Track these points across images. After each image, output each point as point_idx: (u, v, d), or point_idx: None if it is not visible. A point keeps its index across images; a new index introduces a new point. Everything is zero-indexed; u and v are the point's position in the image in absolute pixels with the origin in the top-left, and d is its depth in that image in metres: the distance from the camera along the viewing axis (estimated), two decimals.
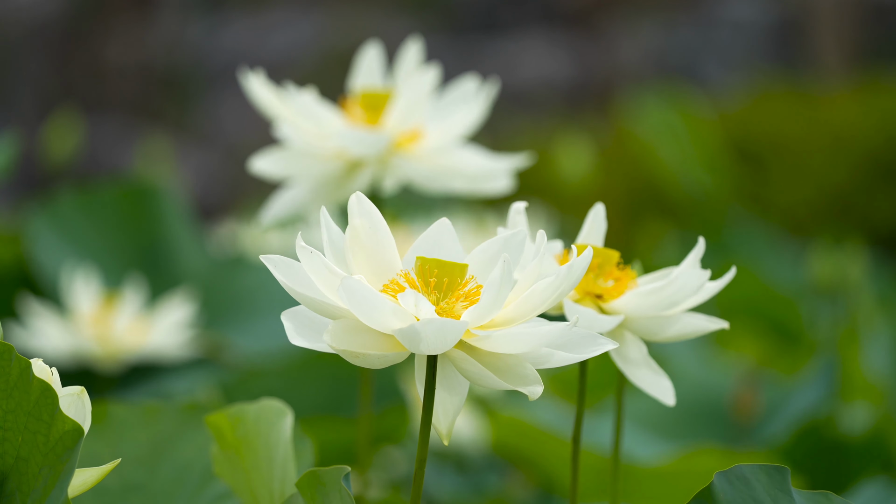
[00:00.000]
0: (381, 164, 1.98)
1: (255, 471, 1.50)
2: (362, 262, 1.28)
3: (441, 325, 1.19)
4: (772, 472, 1.33)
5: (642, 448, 2.78)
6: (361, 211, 1.28)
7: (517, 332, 1.22)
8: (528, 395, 1.24)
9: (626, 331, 1.41)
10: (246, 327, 3.29)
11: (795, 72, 9.07)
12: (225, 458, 1.51)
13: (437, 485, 2.96)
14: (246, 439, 1.49)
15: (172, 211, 3.40)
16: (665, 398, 1.43)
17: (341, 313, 1.24)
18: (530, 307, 1.24)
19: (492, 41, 10.44)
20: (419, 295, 1.21)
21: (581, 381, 1.43)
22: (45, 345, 2.85)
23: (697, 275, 1.37)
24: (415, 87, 1.95)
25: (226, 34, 10.48)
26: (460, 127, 1.98)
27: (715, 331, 1.42)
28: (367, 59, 2.05)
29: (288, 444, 1.48)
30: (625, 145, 6.58)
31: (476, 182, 1.99)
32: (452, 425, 1.30)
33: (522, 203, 1.39)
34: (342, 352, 1.23)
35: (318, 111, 1.95)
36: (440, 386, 1.29)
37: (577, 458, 1.44)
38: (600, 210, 1.43)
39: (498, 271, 1.20)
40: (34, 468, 1.25)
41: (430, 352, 1.22)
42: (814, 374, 2.97)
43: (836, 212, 6.04)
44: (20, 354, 1.24)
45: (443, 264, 1.26)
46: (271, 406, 1.49)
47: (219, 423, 1.50)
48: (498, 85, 2.03)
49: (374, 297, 1.20)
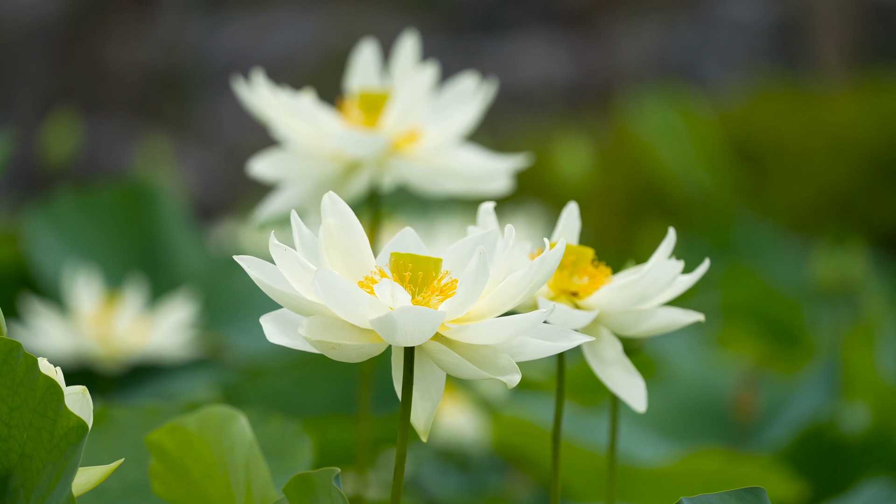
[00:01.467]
0: (379, 165, 1.98)
1: (207, 479, 1.47)
2: (336, 261, 1.29)
3: (418, 313, 1.19)
4: (743, 496, 1.30)
5: (642, 448, 2.78)
6: (335, 210, 1.29)
7: (492, 322, 1.22)
8: (506, 384, 1.24)
9: (602, 327, 1.41)
10: (245, 327, 3.30)
11: (795, 72, 9.07)
12: (169, 474, 1.48)
13: (437, 484, 2.96)
14: (191, 450, 1.46)
15: (170, 211, 3.40)
16: (636, 403, 1.41)
17: (316, 309, 1.24)
18: (504, 300, 1.25)
19: (492, 41, 10.44)
20: (395, 284, 1.22)
21: (559, 379, 1.43)
22: (46, 344, 2.85)
23: (671, 267, 1.38)
24: (412, 88, 1.94)
25: (226, 34, 10.48)
26: (458, 127, 1.98)
27: (691, 323, 1.42)
28: (363, 58, 2.05)
29: (249, 446, 1.46)
30: (625, 145, 6.58)
31: (474, 183, 1.99)
32: (430, 422, 1.31)
33: (491, 204, 1.40)
34: (318, 343, 1.23)
35: (316, 114, 1.95)
36: (416, 383, 1.29)
37: (557, 456, 1.44)
38: (573, 209, 1.44)
39: (474, 262, 1.21)
40: (38, 465, 1.25)
41: (407, 342, 1.22)
42: (815, 375, 2.98)
43: (837, 211, 6.05)
44: (27, 352, 1.24)
45: (417, 259, 1.26)
46: (216, 412, 1.47)
47: (159, 441, 1.47)
48: (496, 84, 2.03)
49: (349, 287, 1.21)
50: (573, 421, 2.74)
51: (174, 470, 1.48)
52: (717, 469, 2.40)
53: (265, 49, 10.30)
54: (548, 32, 10.52)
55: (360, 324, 1.23)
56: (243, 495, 1.46)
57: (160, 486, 1.49)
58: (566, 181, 4.89)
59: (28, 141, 8.65)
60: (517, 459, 2.80)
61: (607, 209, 6.38)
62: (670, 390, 2.97)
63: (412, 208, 4.46)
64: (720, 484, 2.40)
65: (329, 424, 2.55)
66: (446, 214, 4.34)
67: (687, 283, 1.40)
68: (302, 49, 10.35)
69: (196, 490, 1.48)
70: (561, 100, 10.13)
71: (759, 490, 1.30)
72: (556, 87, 10.27)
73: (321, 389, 2.86)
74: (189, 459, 1.47)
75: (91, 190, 3.37)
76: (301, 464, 1.62)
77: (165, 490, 1.49)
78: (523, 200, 5.45)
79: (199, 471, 1.47)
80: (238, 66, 9.63)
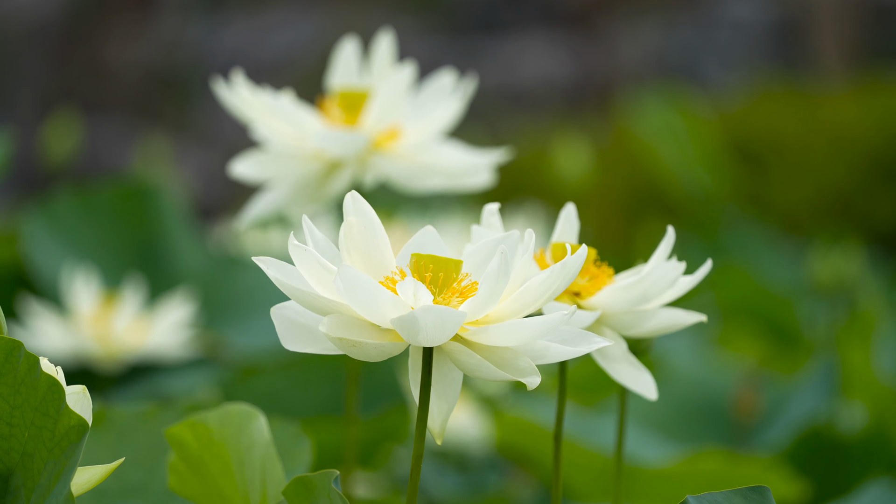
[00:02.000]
0: (360, 163, 1.97)
1: (224, 477, 1.47)
2: (357, 261, 1.28)
3: (440, 313, 1.19)
4: (748, 494, 1.30)
5: (644, 449, 2.78)
6: (357, 209, 1.28)
7: (513, 324, 1.22)
8: (527, 385, 1.24)
9: (605, 327, 1.42)
10: (244, 326, 3.29)
11: (795, 72, 9.07)
12: (187, 469, 1.47)
13: (437, 484, 2.96)
14: (211, 447, 1.46)
15: (169, 210, 3.40)
16: (647, 393, 1.43)
17: (336, 308, 1.23)
18: (524, 304, 1.24)
19: (492, 41, 10.44)
20: (418, 283, 1.21)
21: (561, 379, 1.44)
22: (45, 344, 2.85)
23: (673, 268, 1.38)
24: (391, 86, 1.94)
25: (226, 34, 10.48)
26: (438, 123, 1.98)
27: (693, 324, 1.42)
28: (344, 56, 2.04)
29: (266, 446, 1.46)
30: (624, 145, 6.58)
31: (456, 178, 1.98)
32: (446, 424, 1.30)
33: (496, 204, 1.40)
34: (339, 341, 1.22)
35: (296, 113, 1.95)
36: (434, 385, 1.29)
37: (558, 456, 1.44)
38: (571, 210, 1.44)
39: (496, 262, 1.20)
40: (39, 464, 1.25)
41: (428, 343, 1.22)
42: (813, 375, 2.97)
43: (836, 211, 6.05)
44: (28, 351, 1.24)
45: (438, 260, 1.25)
46: (237, 410, 1.46)
47: (180, 435, 1.46)
48: (476, 81, 2.03)
49: (372, 285, 1.20)
50: (575, 421, 2.74)
51: (192, 465, 1.47)
52: (718, 469, 2.40)
53: (265, 49, 10.30)
54: (548, 32, 10.52)
55: (381, 323, 1.23)
56: (259, 495, 1.46)
57: (177, 481, 1.48)
58: (566, 181, 4.89)
59: (28, 141, 8.65)
60: (520, 459, 2.80)
61: (607, 209, 6.38)
62: (671, 391, 2.97)
63: (411, 207, 4.46)
64: (721, 484, 2.40)
65: (325, 424, 2.55)
66: (446, 213, 4.34)
67: (689, 283, 1.40)
68: (302, 49, 10.35)
69: (213, 487, 1.47)
70: (561, 100, 10.13)
71: (763, 489, 1.30)
72: (555, 87, 10.27)
73: (311, 390, 2.86)
74: (208, 455, 1.47)
75: (89, 190, 3.36)
76: (300, 465, 1.62)
77: (181, 485, 1.48)
78: (523, 200, 5.45)
79: (218, 468, 1.47)
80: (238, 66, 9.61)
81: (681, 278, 1.40)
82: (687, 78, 9.66)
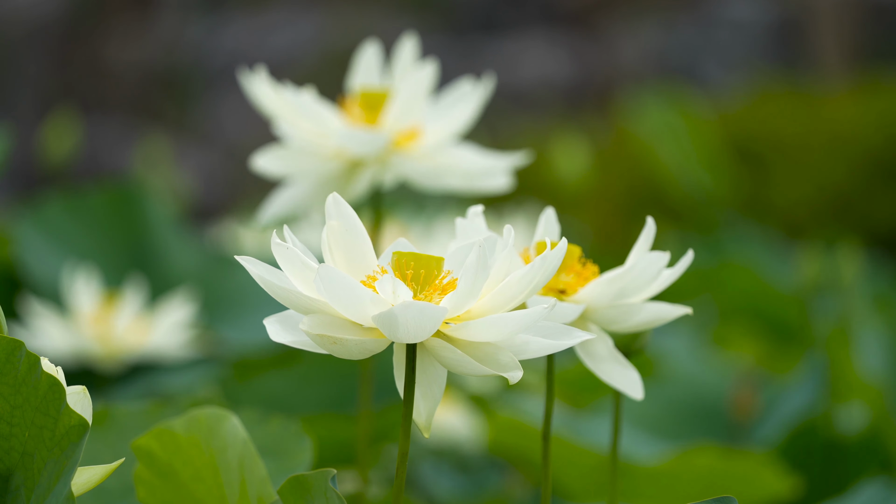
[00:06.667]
0: (380, 162, 1.99)
1: (196, 482, 1.46)
2: (340, 261, 1.30)
3: (420, 308, 1.20)
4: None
5: (640, 447, 2.79)
6: (339, 212, 1.30)
7: (494, 318, 1.22)
8: (509, 380, 1.24)
9: (591, 323, 1.42)
10: (239, 323, 3.30)
11: (795, 72, 9.08)
12: (156, 478, 1.46)
13: (435, 484, 2.97)
14: (179, 453, 1.45)
15: (159, 212, 3.40)
16: (633, 392, 1.42)
17: (318, 307, 1.24)
18: (506, 299, 1.25)
19: (492, 41, 10.45)
20: (397, 280, 1.22)
21: (549, 377, 1.44)
22: (45, 344, 2.86)
23: (656, 259, 1.38)
24: (412, 85, 1.96)
25: (226, 34, 10.48)
26: (457, 123, 2.00)
27: (678, 317, 1.42)
28: (366, 58, 2.07)
29: (243, 446, 1.45)
30: (624, 145, 6.58)
31: (474, 180, 2.00)
32: (432, 418, 1.31)
33: (479, 206, 1.41)
34: (319, 338, 1.23)
35: (318, 110, 1.96)
36: (418, 380, 1.30)
37: (547, 455, 1.44)
38: (551, 213, 1.45)
39: (473, 255, 1.21)
40: (39, 463, 1.25)
41: (409, 339, 1.22)
42: (805, 374, 2.98)
43: (836, 211, 6.05)
44: (29, 351, 1.25)
45: (419, 257, 1.26)
46: (205, 413, 1.46)
47: (147, 446, 1.45)
48: (494, 81, 2.04)
49: (350, 283, 1.21)
50: (567, 422, 2.74)
51: (161, 474, 1.46)
52: (711, 466, 2.41)
53: (265, 49, 10.30)
54: (548, 32, 10.52)
55: (362, 321, 1.24)
56: (237, 495, 1.45)
57: (144, 492, 1.47)
58: (565, 181, 4.89)
59: (28, 141, 8.66)
60: (513, 459, 2.80)
61: (606, 209, 6.38)
62: (667, 390, 2.97)
63: (410, 207, 4.47)
64: (715, 481, 2.41)
65: (326, 422, 2.55)
66: (444, 213, 4.34)
67: (671, 276, 1.40)
68: (302, 49, 10.35)
69: (185, 493, 1.46)
70: (561, 100, 10.13)
71: (729, 499, 1.31)
72: (555, 87, 10.27)
73: (320, 387, 2.87)
74: (177, 462, 1.46)
75: (79, 193, 3.37)
76: (301, 464, 1.62)
77: (150, 495, 1.47)
78: (523, 200, 5.46)
79: (188, 473, 1.46)
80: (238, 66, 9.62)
81: (664, 271, 1.40)
82: (687, 78, 9.66)
